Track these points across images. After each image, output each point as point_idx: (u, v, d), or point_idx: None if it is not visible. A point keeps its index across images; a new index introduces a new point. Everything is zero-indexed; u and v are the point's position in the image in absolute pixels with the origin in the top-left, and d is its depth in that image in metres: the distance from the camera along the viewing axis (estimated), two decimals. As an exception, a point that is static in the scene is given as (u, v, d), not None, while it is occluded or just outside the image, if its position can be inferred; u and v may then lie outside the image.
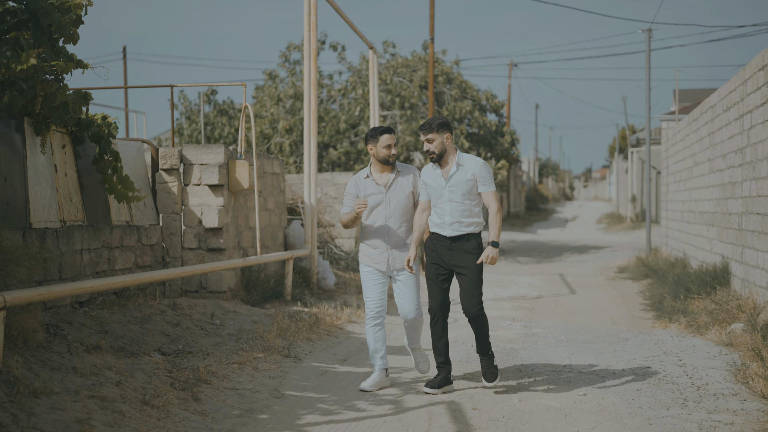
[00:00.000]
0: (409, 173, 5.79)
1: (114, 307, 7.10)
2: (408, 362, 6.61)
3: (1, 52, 4.98)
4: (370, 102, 19.28)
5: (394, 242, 5.75)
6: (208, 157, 8.86)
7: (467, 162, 5.51)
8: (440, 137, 5.46)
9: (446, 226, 5.52)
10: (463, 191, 5.47)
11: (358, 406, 5.22)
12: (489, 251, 5.39)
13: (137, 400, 4.69)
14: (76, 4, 5.71)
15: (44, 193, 6.78)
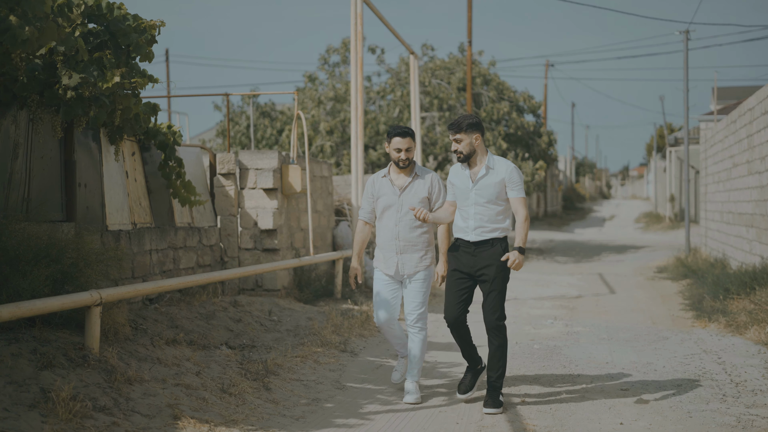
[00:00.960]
0: (426, 178, 5.56)
1: (180, 303, 7.58)
2: (454, 358, 6.98)
3: (89, 71, 5.46)
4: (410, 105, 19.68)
5: (404, 246, 5.53)
6: (262, 162, 9.32)
7: (498, 165, 5.27)
8: (469, 137, 5.21)
9: (470, 230, 5.29)
10: (490, 195, 5.24)
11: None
12: (514, 255, 5.14)
13: (216, 388, 5.15)
14: (150, 25, 6.18)
15: (117, 198, 7.29)
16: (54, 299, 4.71)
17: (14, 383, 4.26)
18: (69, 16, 5.16)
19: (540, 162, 19.62)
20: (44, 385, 4.31)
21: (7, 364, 4.36)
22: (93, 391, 4.46)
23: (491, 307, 5.25)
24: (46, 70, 5.51)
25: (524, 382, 6.03)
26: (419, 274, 5.55)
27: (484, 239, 5.25)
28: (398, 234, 5.54)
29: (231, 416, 4.75)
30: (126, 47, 6.04)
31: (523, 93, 21.26)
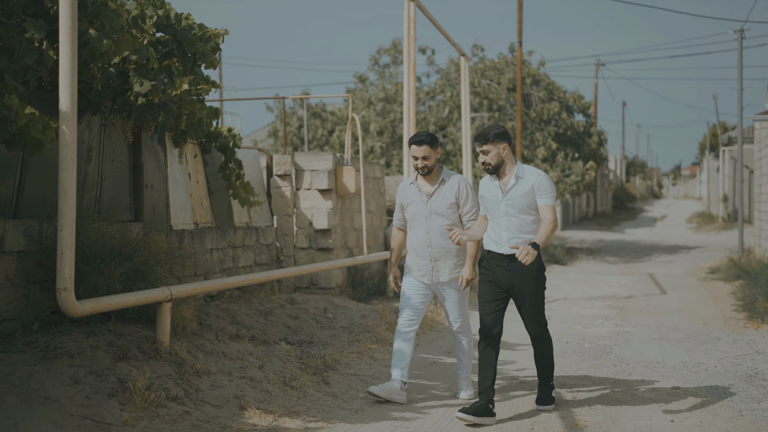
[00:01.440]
0: (452, 181, 5.46)
1: (240, 301, 7.86)
2: (506, 356, 7.13)
3: (159, 79, 5.75)
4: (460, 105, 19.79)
5: (438, 253, 5.43)
6: (317, 163, 9.57)
7: (527, 174, 5.10)
8: (497, 148, 5.05)
9: (503, 242, 5.09)
10: (521, 205, 5.07)
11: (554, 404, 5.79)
12: (527, 248, 4.79)
13: (279, 381, 5.39)
14: (214, 33, 6.47)
15: (181, 198, 7.60)
16: (129, 295, 5.01)
17: (94, 373, 4.55)
18: (142, 28, 5.46)
19: (590, 162, 19.57)
20: (121, 376, 4.60)
21: (87, 355, 4.65)
22: (165, 382, 4.73)
23: (532, 321, 5.17)
24: (119, 78, 5.82)
25: (575, 380, 6.16)
26: (455, 282, 5.47)
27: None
28: (430, 241, 5.44)
29: (294, 408, 4.99)
30: (192, 55, 6.33)
31: (573, 93, 21.21)
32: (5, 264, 5.05)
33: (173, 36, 6.26)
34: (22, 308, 5.18)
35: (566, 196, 19.51)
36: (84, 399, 4.30)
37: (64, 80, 4.38)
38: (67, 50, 4.32)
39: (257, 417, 4.68)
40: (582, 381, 6.14)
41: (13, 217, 5.35)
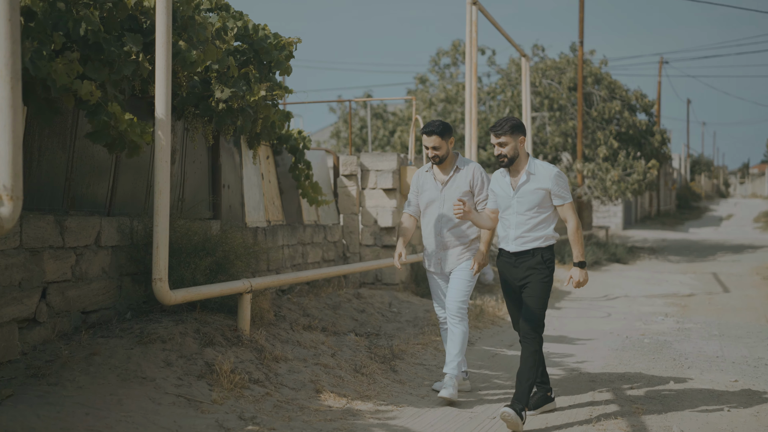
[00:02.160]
0: (467, 169, 5.39)
1: (309, 295, 8.26)
2: (566, 349, 7.36)
3: (239, 86, 6.17)
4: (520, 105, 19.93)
5: (446, 243, 5.41)
6: (382, 164, 9.93)
7: (539, 171, 4.93)
8: (514, 140, 4.89)
9: (510, 240, 4.96)
10: (531, 203, 4.90)
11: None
12: (575, 273, 4.86)
13: (350, 368, 5.75)
14: (288, 42, 6.86)
15: (254, 197, 8.04)
16: (215, 286, 5.43)
17: (184, 357, 4.97)
18: (224, 39, 5.88)
19: (652, 161, 19.50)
20: (208, 360, 5.01)
21: (177, 341, 5.08)
22: (247, 366, 5.13)
23: (527, 316, 4.89)
24: (202, 85, 6.26)
25: (634, 372, 6.36)
26: (462, 265, 5.40)
27: (525, 249, 4.91)
28: (440, 230, 5.41)
29: (365, 392, 5.34)
30: (267, 63, 6.74)
31: (636, 92, 21.13)
32: (101, 258, 5.52)
33: (250, 45, 6.68)
34: (117, 298, 5.65)
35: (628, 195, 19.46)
36: (176, 380, 4.72)
37: (159, 89, 4.81)
38: (162, 62, 4.75)
39: (332, 399, 5.04)
40: (640, 373, 6.34)
41: (108, 215, 5.83)
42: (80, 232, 5.30)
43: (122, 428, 3.95)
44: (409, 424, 4.77)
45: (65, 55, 4.31)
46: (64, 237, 5.15)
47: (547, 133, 20.66)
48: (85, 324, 5.35)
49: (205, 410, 4.44)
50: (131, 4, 4.81)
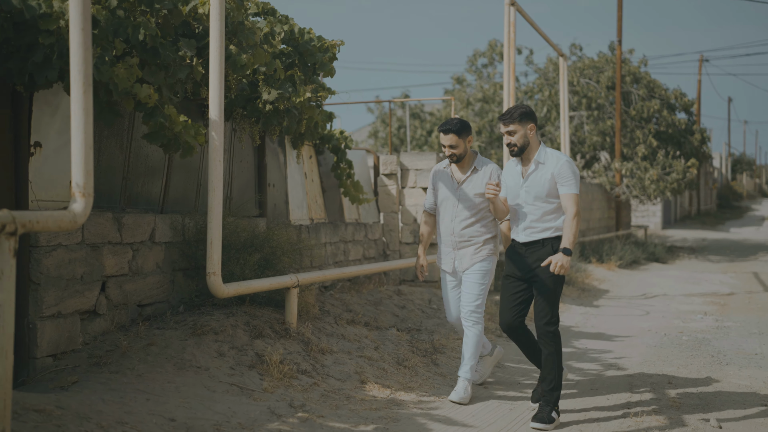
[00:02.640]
0: (485, 171, 5.30)
1: (351, 291, 8.46)
2: (604, 346, 7.46)
3: (285, 88, 6.39)
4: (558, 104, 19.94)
5: (460, 242, 5.33)
6: (422, 163, 10.10)
7: (549, 159, 4.84)
8: (523, 128, 4.83)
9: (520, 231, 4.94)
10: (539, 193, 4.83)
11: (567, 377, 6.18)
12: (558, 257, 4.67)
13: (393, 361, 5.94)
14: (332, 44, 7.07)
15: (298, 196, 8.27)
16: (264, 281, 5.65)
17: (235, 348, 5.20)
18: (272, 42, 6.10)
19: (692, 160, 19.40)
20: (258, 351, 5.24)
21: (229, 333, 5.31)
22: (295, 358, 5.34)
23: (540, 312, 4.83)
24: (249, 87, 6.49)
25: (671, 368, 6.45)
26: (474, 267, 5.31)
27: (534, 240, 4.87)
28: (453, 229, 5.33)
29: (407, 384, 5.52)
30: (312, 65, 6.96)
31: (675, 90, 21.03)
32: (155, 253, 5.78)
33: (295, 48, 6.89)
34: (170, 292, 5.90)
35: (667, 194, 19.39)
36: (229, 369, 4.95)
37: (213, 93, 5.04)
38: (216, 67, 4.99)
39: (376, 390, 5.23)
40: (678, 369, 6.43)
41: (161, 212, 6.08)
42: (136, 229, 5.56)
43: (181, 413, 4.18)
44: (450, 414, 4.94)
45: (125, 60, 4.55)
46: (121, 233, 5.41)
47: (585, 132, 20.64)
48: (140, 316, 5.60)
49: (257, 398, 4.66)
50: (186, 11, 5.05)
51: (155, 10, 5.04)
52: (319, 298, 7.58)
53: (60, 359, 4.89)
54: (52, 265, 4.83)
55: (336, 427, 4.39)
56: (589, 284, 12.52)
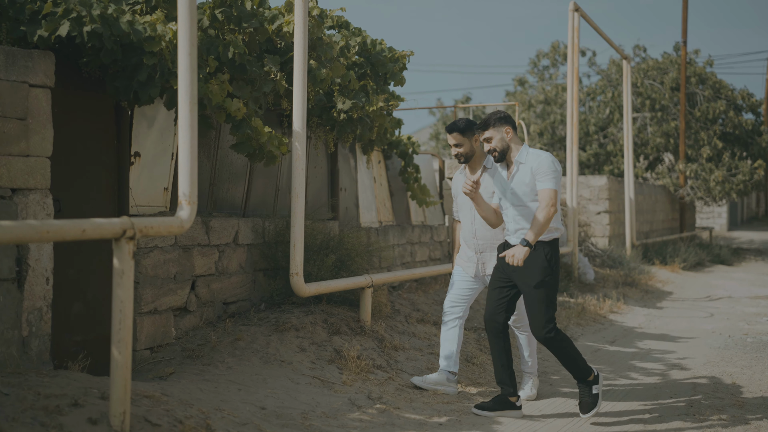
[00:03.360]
0: (495, 171, 5.11)
1: (418, 291, 8.76)
2: (667, 347, 7.60)
3: (359, 97, 6.73)
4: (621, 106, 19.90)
5: (483, 245, 5.28)
6: (486, 167, 10.34)
7: (529, 159, 4.79)
8: (499, 133, 4.81)
9: (511, 233, 4.88)
10: (525, 192, 4.78)
11: (630, 375, 6.37)
12: (513, 250, 4.64)
13: (461, 358, 6.22)
14: (402, 55, 7.38)
15: (368, 199, 8.61)
16: (342, 281, 6.00)
17: (315, 344, 5.56)
18: (347, 55, 6.45)
19: (759, 161, 19.15)
20: (336, 347, 5.58)
21: (308, 329, 5.67)
22: (371, 354, 5.67)
23: (533, 318, 4.77)
24: (325, 97, 6.85)
25: (735, 369, 6.58)
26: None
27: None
28: (475, 232, 5.30)
29: (476, 380, 5.80)
30: (383, 74, 7.28)
31: (742, 91, 20.78)
32: (239, 255, 6.18)
33: (367, 59, 7.23)
34: (251, 291, 6.30)
35: (732, 195, 19.18)
36: (310, 363, 5.30)
37: (297, 106, 5.41)
38: (300, 83, 5.35)
39: (447, 385, 5.52)
40: (742, 370, 6.55)
41: (243, 216, 6.48)
42: (222, 232, 5.96)
43: (270, 402, 4.54)
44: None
45: (217, 77, 4.94)
46: (209, 236, 5.82)
47: (648, 134, 20.55)
48: (225, 313, 6.01)
49: (337, 390, 5.00)
50: (271, 30, 5.42)
51: (243, 29, 5.43)
52: (388, 298, 7.91)
53: (156, 352, 5.32)
54: (150, 265, 5.26)
55: (412, 418, 4.70)
56: (652, 286, 12.58)
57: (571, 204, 11.52)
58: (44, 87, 4.40)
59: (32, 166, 4.34)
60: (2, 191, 4.20)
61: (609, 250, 14.27)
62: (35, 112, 4.34)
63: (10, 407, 3.33)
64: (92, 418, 3.41)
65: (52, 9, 4.32)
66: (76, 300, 4.87)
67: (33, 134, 4.34)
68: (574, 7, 11.14)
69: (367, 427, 4.41)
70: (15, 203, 4.25)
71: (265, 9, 5.60)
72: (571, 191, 11.49)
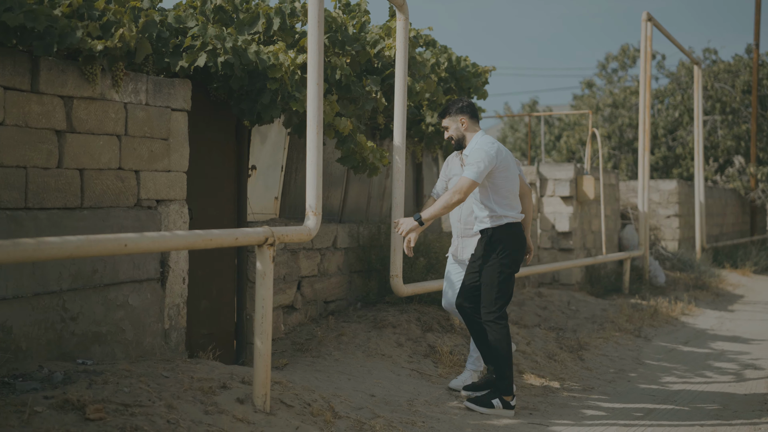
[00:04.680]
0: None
1: (496, 292, 9.22)
2: (740, 348, 7.90)
3: (446, 112, 7.22)
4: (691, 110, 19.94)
5: (464, 230, 5.49)
6: (560, 173, 10.74)
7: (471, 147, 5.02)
8: (455, 122, 5.11)
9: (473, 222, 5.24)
10: None
11: (705, 374, 6.73)
12: (405, 220, 5.02)
13: (544, 355, 6.66)
14: (485, 70, 7.85)
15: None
16: (435, 282, 6.51)
17: (411, 340, 6.08)
18: (437, 72, 6.96)
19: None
20: (430, 342, 6.10)
21: (404, 327, 6.20)
22: (461, 349, 6.17)
23: (484, 302, 5.00)
24: (415, 111, 7.38)
25: (808, 370, 6.88)
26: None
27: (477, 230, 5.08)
28: (460, 216, 5.49)
29: (558, 375, 6.24)
30: (467, 89, 7.77)
31: (818, 92, 20.57)
32: (337, 257, 6.74)
33: (452, 74, 7.73)
34: (348, 291, 6.86)
35: (806, 199, 19.07)
36: (408, 357, 5.83)
37: (397, 123, 5.95)
38: (400, 101, 5.88)
39: (532, 379, 5.99)
40: (814, 371, 6.84)
41: (340, 221, 7.05)
42: (323, 236, 6.54)
43: (378, 391, 5.08)
44: (599, 402, 5.63)
45: (327, 98, 5.50)
46: (313, 240, 6.40)
47: (719, 137, 20.53)
48: (326, 311, 6.58)
49: (435, 381, 5.52)
50: (373, 53, 5.97)
51: (346, 52, 5.98)
52: (469, 298, 8.39)
53: (269, 345, 5.90)
54: (264, 266, 5.85)
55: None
56: (723, 289, 12.76)
57: (642, 208, 11.81)
58: (183, 110, 5.02)
59: (172, 180, 4.96)
60: (149, 202, 4.83)
61: (679, 254, 14.46)
62: (175, 133, 4.97)
63: (173, 387, 3.94)
64: (239, 398, 3.99)
65: (191, 42, 4.93)
66: (203, 298, 5.49)
67: (173, 152, 4.96)
68: (647, 17, 11.42)
69: (467, 415, 4.91)
70: (159, 212, 4.88)
71: (366, 33, 6.15)
72: (642, 196, 11.78)
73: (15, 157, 4.04)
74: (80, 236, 3.11)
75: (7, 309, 3.99)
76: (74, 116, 4.33)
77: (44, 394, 3.54)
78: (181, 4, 5.59)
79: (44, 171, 4.20)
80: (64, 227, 4.25)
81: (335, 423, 4.18)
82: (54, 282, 4.22)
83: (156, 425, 3.51)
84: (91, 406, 3.44)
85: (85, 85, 4.34)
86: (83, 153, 4.39)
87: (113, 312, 4.56)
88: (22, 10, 3.80)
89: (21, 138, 4.07)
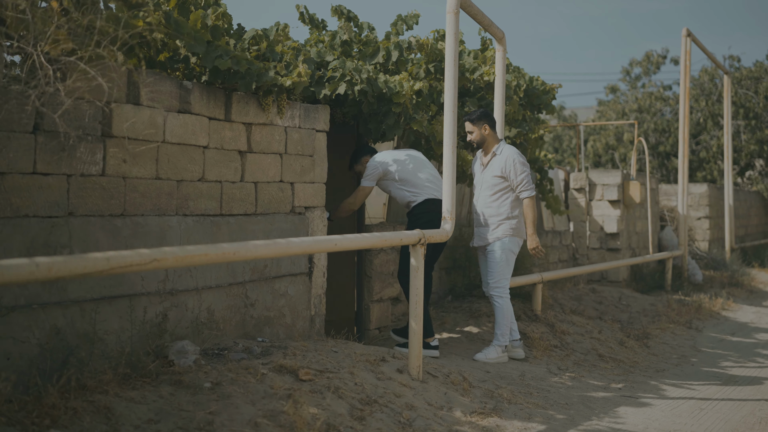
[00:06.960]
0: (503, 156, 6.17)
1: (555, 288, 10.10)
2: (786, 338, 8.74)
3: (523, 126, 8.11)
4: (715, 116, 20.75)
5: (480, 220, 6.25)
6: (608, 179, 11.61)
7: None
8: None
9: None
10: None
11: (756, 360, 7.58)
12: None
13: (615, 342, 7.54)
14: (552, 87, 8.73)
15: (512, 209, 10.00)
16: (522, 277, 7.41)
17: (503, 327, 6.96)
18: (518, 93, 7.85)
19: None
20: (520, 330, 6.98)
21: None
22: (547, 336, 7.05)
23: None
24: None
25: None
26: (490, 246, 6.22)
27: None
28: (476, 208, 6.31)
29: (632, 359, 7.11)
30: (537, 105, 8.66)
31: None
32: (429, 255, 7.63)
33: (525, 92, 8.61)
34: (438, 285, 7.75)
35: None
36: (504, 342, 6.71)
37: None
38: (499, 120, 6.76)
39: (611, 362, 6.86)
40: None
41: (429, 224, 7.94)
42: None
43: (490, 368, 5.97)
44: (675, 381, 6.50)
45: (437, 118, 6.40)
46: (413, 241, 7.29)
47: (742, 142, 21.33)
48: (422, 303, 7.47)
49: (532, 362, 6.40)
50: (472, 78, 6.86)
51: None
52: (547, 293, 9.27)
53: (381, 331, 6.81)
54: (378, 263, 6.75)
55: (596, 384, 6.06)
56: (755, 287, 13.59)
57: (681, 211, 12.66)
58: (323, 131, 5.92)
59: (316, 190, 5.86)
60: (300, 209, 5.73)
61: (711, 253, 15.30)
62: (318, 150, 5.87)
63: (346, 360, 4.83)
64: (399, 368, 4.89)
65: (331, 74, 5.84)
66: (329, 289, 6.39)
67: (317, 166, 5.86)
68: (687, 33, 12.29)
69: (569, 388, 5.79)
70: (307, 217, 5.78)
71: (462, 61, 7.05)
72: (681, 199, 12.63)
73: (215, 173, 4.95)
74: (304, 238, 4.01)
75: (211, 296, 4.90)
76: (252, 139, 5.24)
77: (260, 361, 4.45)
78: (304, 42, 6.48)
79: (232, 184, 5.11)
80: (245, 230, 5.16)
81: (471, 390, 5.08)
82: (240, 274, 5.12)
83: (348, 386, 4.41)
84: (302, 370, 4.35)
85: (260, 113, 5.25)
86: (257, 169, 5.30)
87: (278, 300, 5.46)
88: (229, 56, 4.70)
89: (218, 158, 4.98)
